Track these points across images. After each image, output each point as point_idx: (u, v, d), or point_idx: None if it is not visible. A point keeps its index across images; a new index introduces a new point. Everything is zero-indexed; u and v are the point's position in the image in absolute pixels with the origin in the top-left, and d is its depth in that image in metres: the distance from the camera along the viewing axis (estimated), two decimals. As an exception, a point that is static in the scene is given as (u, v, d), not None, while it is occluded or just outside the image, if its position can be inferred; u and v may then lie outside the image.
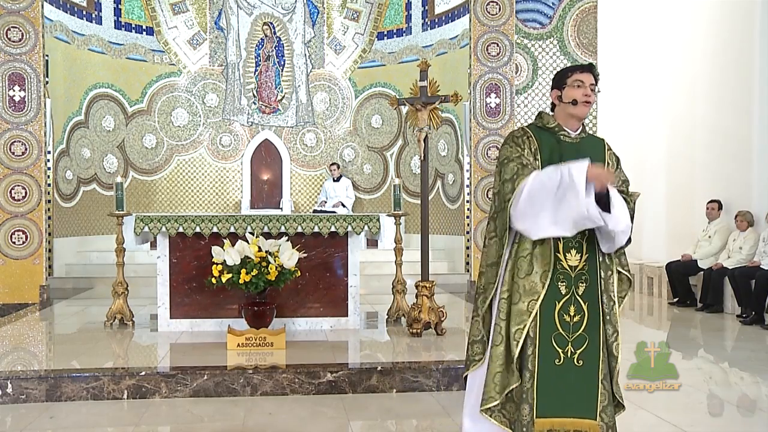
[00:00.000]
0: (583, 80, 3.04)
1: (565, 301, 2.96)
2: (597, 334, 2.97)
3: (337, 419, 4.57)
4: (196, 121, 12.51)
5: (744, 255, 8.86)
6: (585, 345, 2.96)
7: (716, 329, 8.12)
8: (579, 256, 2.98)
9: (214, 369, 5.11)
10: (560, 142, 3.07)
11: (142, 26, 11.97)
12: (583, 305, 2.97)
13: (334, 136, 12.83)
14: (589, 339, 2.96)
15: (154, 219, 6.45)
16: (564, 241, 2.97)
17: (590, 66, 3.13)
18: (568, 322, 2.95)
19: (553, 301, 2.96)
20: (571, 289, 2.97)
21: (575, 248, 2.99)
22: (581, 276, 2.98)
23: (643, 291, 10.94)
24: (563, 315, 2.96)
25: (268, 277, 5.79)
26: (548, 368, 2.93)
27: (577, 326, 2.96)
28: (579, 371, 2.95)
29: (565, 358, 2.94)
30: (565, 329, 2.95)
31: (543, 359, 2.93)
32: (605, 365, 2.97)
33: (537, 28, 9.11)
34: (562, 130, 3.09)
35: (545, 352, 2.93)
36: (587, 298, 2.98)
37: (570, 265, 2.98)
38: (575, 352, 2.95)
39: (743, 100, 9.37)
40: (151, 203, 12.16)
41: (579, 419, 2.95)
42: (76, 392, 4.90)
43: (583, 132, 3.12)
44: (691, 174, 10.54)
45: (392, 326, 6.96)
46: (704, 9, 10.29)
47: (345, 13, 12.60)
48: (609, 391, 2.98)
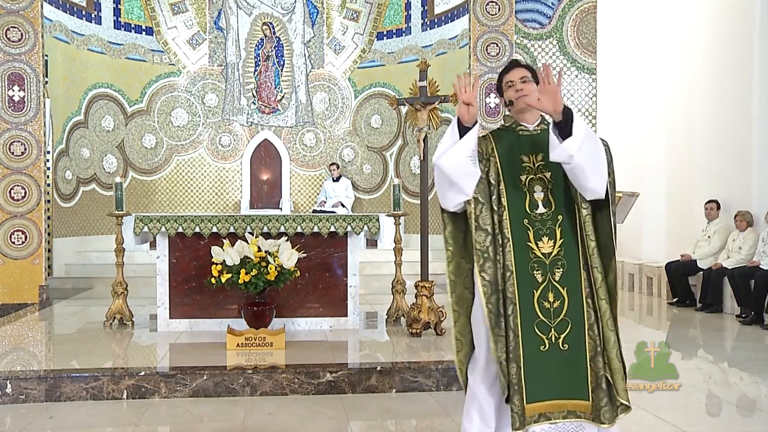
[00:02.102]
0: (511, 79, 3.08)
1: (542, 289, 2.97)
2: (579, 317, 2.96)
3: (337, 419, 4.56)
4: (196, 121, 12.51)
5: (743, 255, 8.85)
6: (568, 329, 2.96)
7: (716, 329, 8.12)
8: (552, 242, 2.99)
9: (213, 369, 5.11)
10: (519, 137, 3.11)
11: (142, 26, 11.97)
12: (561, 290, 2.97)
13: (333, 136, 12.83)
14: (572, 322, 2.96)
15: (153, 219, 6.44)
16: (534, 230, 2.99)
17: (513, 62, 3.17)
18: (548, 308, 2.96)
19: (531, 290, 2.96)
20: (547, 276, 2.98)
21: (547, 235, 2.99)
22: (557, 262, 2.98)
23: (642, 291, 10.94)
24: (542, 302, 2.96)
25: (267, 277, 5.79)
26: (534, 356, 2.93)
27: (557, 311, 2.96)
28: (565, 355, 2.95)
29: (550, 343, 2.95)
30: (546, 315, 2.96)
31: (527, 349, 2.93)
32: (593, 347, 2.96)
33: (536, 28, 9.11)
34: (519, 126, 3.13)
35: (529, 341, 2.93)
36: (565, 282, 2.97)
37: (543, 252, 2.98)
38: (559, 336, 2.95)
39: (742, 100, 9.37)
40: (150, 203, 12.16)
41: (571, 400, 2.95)
42: (75, 392, 4.90)
43: (543, 123, 3.12)
44: (691, 174, 10.54)
45: (392, 326, 6.96)
46: (704, 9, 10.29)
47: (344, 13, 12.60)
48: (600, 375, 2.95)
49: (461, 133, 2.95)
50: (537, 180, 3.03)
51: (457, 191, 2.99)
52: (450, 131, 2.98)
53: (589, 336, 2.96)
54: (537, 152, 3.05)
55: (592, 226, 2.99)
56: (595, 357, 2.96)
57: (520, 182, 3.04)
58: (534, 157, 3.06)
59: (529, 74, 3.07)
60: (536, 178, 3.03)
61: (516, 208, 3.01)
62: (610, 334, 2.98)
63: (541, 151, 3.04)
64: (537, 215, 3.01)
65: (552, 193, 3.02)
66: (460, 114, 2.95)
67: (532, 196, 3.02)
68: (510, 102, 3.10)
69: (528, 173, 3.04)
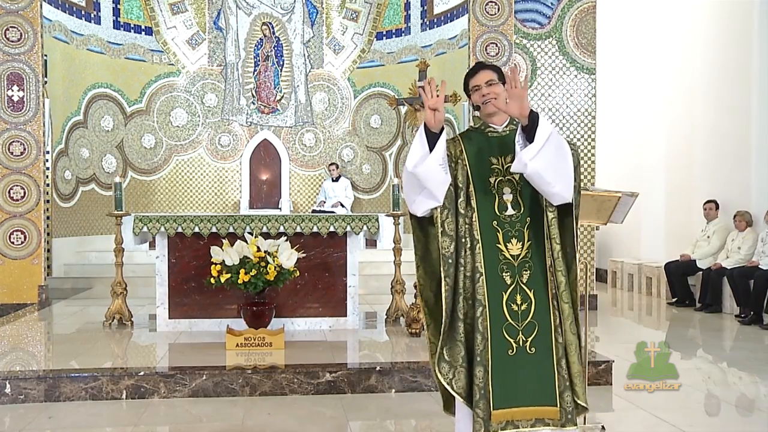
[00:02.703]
0: (477, 83, 3.06)
1: (511, 291, 2.96)
2: (547, 319, 2.95)
3: (336, 419, 4.57)
4: (195, 121, 12.50)
5: (742, 255, 8.86)
6: (535, 332, 2.94)
7: (715, 329, 8.13)
8: (520, 244, 2.99)
9: (212, 369, 5.11)
10: (488, 139, 3.10)
11: (141, 26, 11.96)
12: (528, 292, 2.96)
13: (333, 136, 12.83)
14: (539, 325, 2.95)
15: (152, 219, 6.44)
16: (503, 232, 2.99)
17: (479, 65, 3.14)
18: (516, 311, 2.95)
19: (500, 292, 2.96)
20: (515, 278, 2.97)
21: (516, 237, 2.99)
22: (525, 264, 2.98)
23: (642, 291, 10.95)
24: (511, 305, 2.95)
25: (266, 277, 5.79)
26: (502, 360, 2.92)
27: (525, 314, 2.95)
28: (533, 359, 2.93)
29: (518, 347, 2.93)
30: (514, 318, 2.94)
31: (495, 352, 2.91)
32: (559, 349, 2.95)
33: (536, 28, 9.10)
34: (488, 128, 3.11)
35: (497, 344, 2.92)
36: (532, 285, 2.97)
37: (512, 254, 2.98)
38: (527, 340, 2.94)
39: (741, 101, 9.38)
40: (149, 203, 12.15)
41: (539, 407, 2.93)
42: (74, 392, 4.90)
43: (512, 123, 3.09)
44: (690, 174, 10.54)
45: (391, 326, 6.96)
46: (703, 9, 10.30)
47: (344, 13, 12.60)
48: (565, 377, 2.95)
49: (429, 139, 2.92)
50: (506, 182, 3.02)
51: (428, 196, 2.97)
52: (419, 138, 2.94)
53: (555, 339, 2.95)
54: (506, 154, 3.04)
55: (558, 229, 3.00)
56: (562, 360, 2.95)
57: (489, 184, 3.03)
58: (503, 158, 3.04)
59: (496, 76, 3.05)
60: (505, 180, 3.02)
61: (485, 210, 3.01)
62: (572, 337, 2.98)
63: (509, 153, 3.01)
64: (506, 217, 3.00)
65: (521, 195, 3.01)
66: (427, 120, 2.92)
67: (501, 198, 3.02)
68: (477, 106, 3.08)
69: (497, 175, 3.03)
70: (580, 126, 9.16)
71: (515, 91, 2.85)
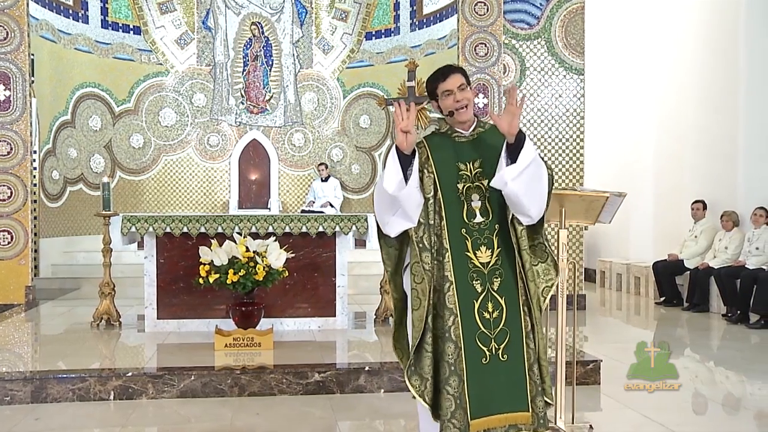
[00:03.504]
0: (449, 88, 2.98)
1: (482, 299, 2.94)
2: (518, 325, 2.94)
3: (325, 419, 4.56)
4: (184, 121, 12.46)
5: (729, 255, 8.92)
6: (507, 339, 2.93)
7: (702, 328, 8.17)
8: (490, 252, 2.96)
9: (201, 369, 5.09)
10: (455, 144, 3.05)
11: (130, 25, 11.91)
12: (500, 300, 2.94)
13: (322, 136, 12.82)
14: (510, 332, 2.93)
15: (141, 219, 6.42)
16: (472, 240, 2.95)
17: (449, 69, 3.04)
18: (488, 318, 2.93)
19: (471, 301, 2.93)
20: (486, 286, 2.95)
21: (485, 245, 2.96)
22: (495, 271, 2.95)
23: (630, 290, 10.99)
24: (483, 312, 2.93)
25: (255, 277, 5.77)
26: (476, 369, 2.89)
27: (497, 321, 2.93)
28: (505, 366, 2.92)
29: (491, 355, 2.91)
30: (486, 326, 2.92)
31: (470, 361, 2.89)
32: (531, 355, 2.94)
33: (525, 28, 9.13)
34: (454, 133, 3.06)
35: (471, 353, 2.89)
36: (503, 292, 2.95)
37: (482, 262, 2.95)
38: (499, 347, 2.92)
39: (730, 102, 9.44)
40: (138, 203, 12.10)
41: (512, 413, 2.92)
42: (62, 393, 4.87)
43: (480, 127, 3.07)
44: (679, 174, 10.60)
45: (380, 326, 6.96)
46: (692, 11, 10.35)
47: (333, 13, 12.59)
48: (537, 382, 2.95)
49: (401, 161, 2.88)
50: (474, 188, 2.98)
51: (403, 217, 2.94)
52: (392, 161, 2.89)
53: (527, 344, 2.94)
54: (474, 159, 3.00)
55: (527, 238, 3.00)
56: (533, 365, 2.95)
57: (458, 191, 2.99)
58: (471, 164, 3.00)
59: (465, 80, 3.00)
60: (473, 186, 2.98)
61: (454, 218, 2.96)
62: (540, 341, 3.01)
63: (478, 158, 3.00)
64: (475, 224, 2.96)
65: (489, 202, 2.97)
66: (399, 143, 2.87)
67: (469, 205, 2.97)
68: (450, 113, 3.01)
69: (465, 181, 2.99)
70: (568, 126, 9.19)
71: (511, 108, 2.83)
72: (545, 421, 2.97)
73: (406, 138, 2.85)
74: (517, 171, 2.81)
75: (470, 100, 3.00)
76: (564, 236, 4.10)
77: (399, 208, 2.91)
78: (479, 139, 3.04)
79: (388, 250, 3.11)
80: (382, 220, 2.99)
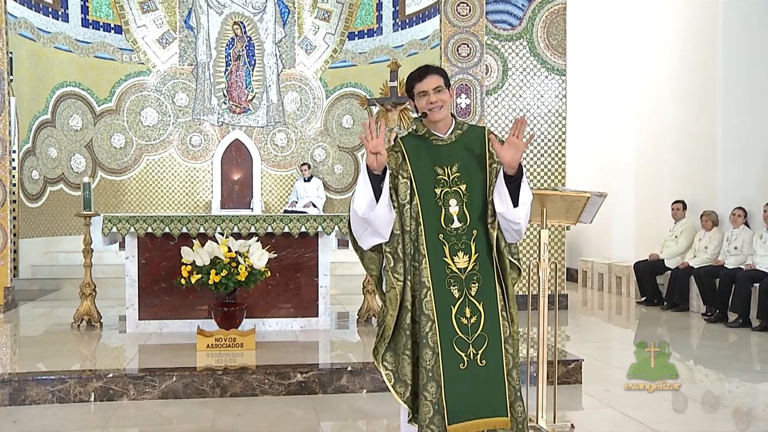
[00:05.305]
0: (425, 89, 2.96)
1: (459, 304, 2.93)
2: (496, 331, 2.94)
3: (308, 420, 4.56)
4: (166, 120, 12.39)
5: (709, 254, 9.01)
6: (485, 344, 2.92)
7: (682, 327, 8.25)
8: (467, 257, 2.94)
9: (183, 370, 5.07)
10: (432, 147, 3.03)
11: (111, 24, 11.82)
12: (478, 305, 2.93)
13: (304, 136, 12.80)
14: (489, 337, 2.93)
15: (122, 219, 6.38)
16: (449, 245, 2.94)
17: (426, 69, 3.02)
18: (465, 324, 2.92)
19: (448, 306, 2.92)
20: (464, 292, 2.93)
21: (462, 250, 2.94)
22: (473, 277, 2.94)
23: (611, 290, 11.07)
24: (460, 318, 2.92)
25: (237, 277, 5.76)
26: (454, 375, 2.88)
27: (475, 327, 2.92)
28: (483, 371, 2.91)
29: (469, 360, 2.90)
30: (464, 332, 2.91)
31: (447, 367, 2.88)
32: (509, 360, 2.95)
33: (507, 29, 9.16)
34: (432, 135, 3.04)
35: (449, 359, 2.88)
36: (481, 297, 2.94)
37: (459, 267, 2.94)
38: (477, 352, 2.91)
39: (707, 103, 9.54)
40: (119, 203, 12.01)
41: (491, 419, 2.91)
42: (41, 395, 4.83)
43: (458, 129, 3.05)
44: (659, 175, 10.69)
45: (363, 326, 6.96)
46: (671, 12, 10.45)
47: (316, 13, 12.57)
48: (516, 387, 2.95)
49: (371, 180, 2.89)
50: (452, 193, 2.96)
51: (374, 234, 2.96)
52: (363, 180, 2.91)
53: (505, 349, 2.94)
54: (452, 163, 2.99)
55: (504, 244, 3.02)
56: (512, 370, 2.95)
57: (435, 196, 2.97)
58: (449, 168, 2.98)
59: (443, 81, 2.98)
60: (451, 191, 2.96)
61: (431, 223, 2.95)
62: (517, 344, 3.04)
63: (456, 162, 2.98)
64: (452, 230, 2.95)
65: (467, 207, 2.96)
66: (369, 163, 2.86)
67: (447, 210, 2.95)
68: (424, 114, 3.01)
69: (443, 186, 2.97)
70: (550, 127, 9.24)
71: (516, 141, 2.84)
72: (524, 426, 2.96)
73: (376, 159, 2.84)
74: (524, 213, 2.93)
75: (446, 101, 2.98)
76: (545, 236, 4.13)
77: (369, 227, 2.94)
78: (457, 142, 3.02)
79: (371, 255, 3.13)
80: (356, 234, 3.03)
